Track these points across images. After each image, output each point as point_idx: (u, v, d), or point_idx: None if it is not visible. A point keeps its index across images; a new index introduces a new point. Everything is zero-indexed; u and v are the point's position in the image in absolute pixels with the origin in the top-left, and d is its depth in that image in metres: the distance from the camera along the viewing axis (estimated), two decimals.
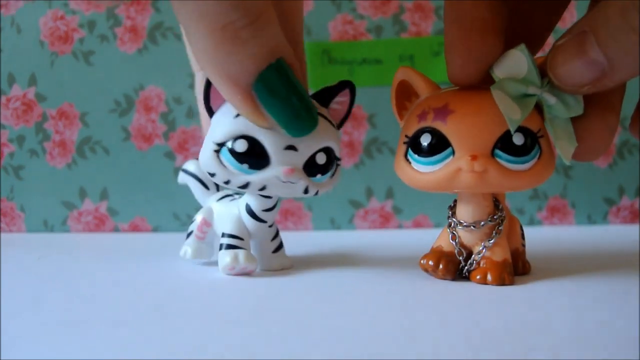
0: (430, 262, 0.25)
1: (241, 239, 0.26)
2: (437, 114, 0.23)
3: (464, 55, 0.22)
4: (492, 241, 0.24)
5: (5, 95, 0.44)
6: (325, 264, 0.30)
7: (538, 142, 0.23)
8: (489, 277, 0.24)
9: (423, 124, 0.23)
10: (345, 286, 0.24)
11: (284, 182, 0.24)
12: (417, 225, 0.45)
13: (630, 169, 0.45)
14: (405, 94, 0.25)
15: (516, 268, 0.26)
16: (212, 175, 0.24)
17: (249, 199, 0.27)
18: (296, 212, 0.45)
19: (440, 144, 0.23)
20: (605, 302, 0.21)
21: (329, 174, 0.25)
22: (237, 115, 0.23)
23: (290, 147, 0.24)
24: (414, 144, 0.24)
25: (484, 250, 0.24)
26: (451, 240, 0.25)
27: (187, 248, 0.29)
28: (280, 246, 0.28)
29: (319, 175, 0.25)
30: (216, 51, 0.20)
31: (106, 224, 0.45)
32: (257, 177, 0.24)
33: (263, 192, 0.25)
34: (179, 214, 0.45)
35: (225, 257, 0.26)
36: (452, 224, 0.25)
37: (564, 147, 0.23)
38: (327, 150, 0.25)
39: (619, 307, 0.21)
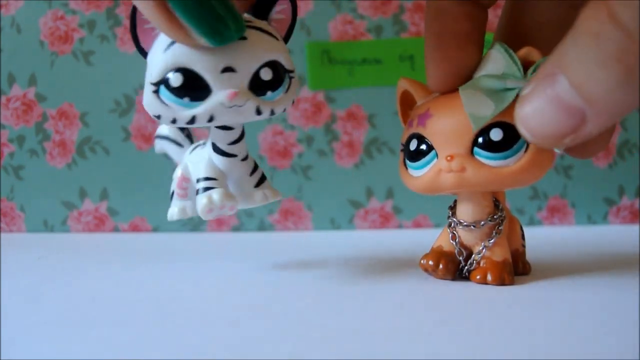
0: (430, 262, 0.25)
1: (215, 179, 0.25)
2: (419, 119, 0.24)
3: (443, 68, 0.23)
4: (492, 241, 0.24)
5: (5, 95, 0.44)
6: (325, 264, 0.30)
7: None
8: (489, 277, 0.24)
9: (411, 130, 0.24)
10: (345, 286, 0.24)
11: (230, 107, 0.22)
12: (417, 225, 0.45)
13: (630, 169, 0.45)
14: (408, 104, 0.26)
15: (516, 268, 0.25)
16: (158, 117, 0.23)
17: (213, 137, 0.25)
18: (296, 212, 0.45)
19: (424, 148, 0.24)
20: (605, 302, 0.21)
21: (281, 89, 0.23)
22: (167, 48, 0.22)
23: (228, 69, 0.22)
24: (406, 151, 0.25)
25: (484, 250, 0.24)
26: (451, 240, 0.25)
27: (173, 208, 0.28)
28: (261, 179, 0.27)
29: (269, 93, 0.23)
30: None
31: (106, 224, 0.45)
32: (201, 109, 0.22)
33: (214, 123, 0.23)
34: None
35: (201, 201, 0.25)
36: (452, 224, 0.25)
37: None
38: (273, 64, 0.23)
39: (619, 307, 0.21)
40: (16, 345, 0.17)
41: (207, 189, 0.25)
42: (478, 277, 0.24)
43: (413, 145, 0.24)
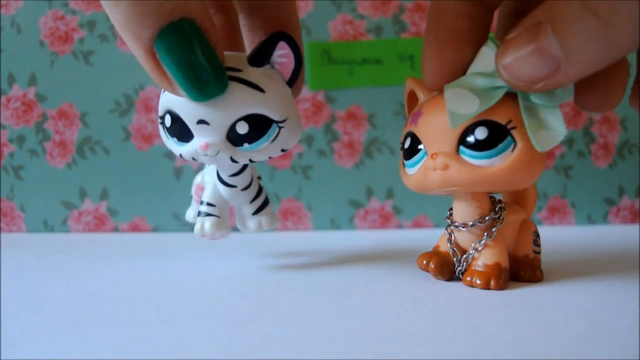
0: (424, 262, 0.25)
1: (214, 205, 0.27)
2: (413, 118, 0.24)
3: (437, 65, 0.23)
4: (482, 242, 0.24)
5: (5, 95, 0.44)
6: (325, 264, 0.30)
7: (510, 134, 0.22)
8: (477, 280, 0.23)
9: (406, 129, 0.24)
10: (344, 286, 0.24)
11: (203, 155, 0.24)
12: (417, 225, 0.45)
13: (630, 169, 0.45)
14: (415, 103, 0.26)
15: (522, 275, 0.25)
16: (166, 146, 0.25)
17: (217, 167, 0.27)
18: (296, 212, 0.45)
19: (416, 146, 0.24)
20: (605, 302, 0.21)
21: (264, 139, 0.24)
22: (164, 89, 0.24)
23: (202, 122, 0.23)
24: (402, 149, 0.25)
25: (473, 252, 0.24)
26: (447, 241, 0.25)
27: (190, 211, 0.32)
28: (262, 206, 0.28)
29: (246, 145, 0.24)
30: (117, 4, 0.20)
31: (106, 224, 0.45)
32: (185, 150, 0.24)
33: (201, 161, 0.25)
34: (179, 214, 0.45)
35: (196, 225, 0.27)
36: (448, 225, 0.25)
37: (543, 136, 0.21)
38: (250, 118, 0.24)
39: (619, 307, 0.21)
40: (16, 345, 0.17)
41: (205, 214, 0.27)
42: (468, 279, 0.24)
43: (407, 144, 0.24)
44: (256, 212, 0.28)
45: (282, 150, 0.25)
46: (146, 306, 0.21)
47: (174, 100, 0.23)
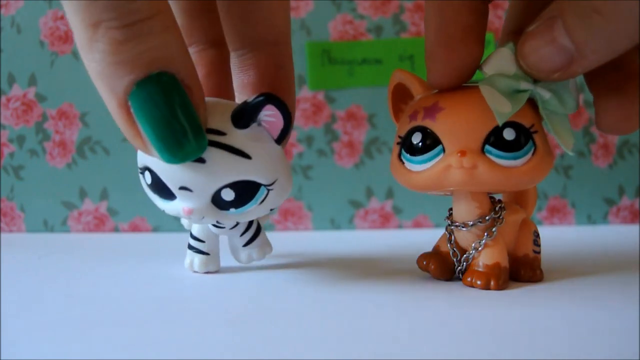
0: (424, 262, 0.25)
1: (202, 241, 0.27)
2: (426, 113, 0.23)
3: (445, 63, 0.22)
4: (482, 242, 0.24)
5: (5, 95, 0.44)
6: (325, 264, 0.30)
7: (532, 137, 0.22)
8: (477, 280, 0.23)
9: (414, 123, 0.23)
10: (344, 286, 0.24)
11: (188, 218, 0.23)
12: (417, 225, 0.45)
13: (630, 169, 0.45)
14: (401, 97, 0.25)
15: (522, 275, 0.25)
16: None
17: None
18: (296, 212, 0.45)
19: (430, 142, 0.23)
20: (605, 302, 0.21)
21: (252, 203, 0.23)
22: None
23: (184, 188, 0.22)
24: (405, 144, 0.24)
25: (473, 252, 0.24)
26: (447, 241, 0.25)
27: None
28: (251, 239, 0.28)
29: (232, 209, 0.23)
30: (91, 50, 0.18)
31: (106, 224, 0.45)
32: (168, 207, 0.23)
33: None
34: None
35: (187, 259, 0.27)
36: (448, 225, 0.25)
37: (564, 140, 0.22)
38: (238, 185, 0.22)
39: (619, 307, 0.21)
40: (16, 345, 0.17)
41: (192, 248, 0.27)
42: (468, 279, 0.24)
43: (416, 139, 0.23)
44: (246, 244, 0.28)
45: (271, 210, 0.24)
46: (146, 306, 0.21)
47: (152, 160, 0.22)
